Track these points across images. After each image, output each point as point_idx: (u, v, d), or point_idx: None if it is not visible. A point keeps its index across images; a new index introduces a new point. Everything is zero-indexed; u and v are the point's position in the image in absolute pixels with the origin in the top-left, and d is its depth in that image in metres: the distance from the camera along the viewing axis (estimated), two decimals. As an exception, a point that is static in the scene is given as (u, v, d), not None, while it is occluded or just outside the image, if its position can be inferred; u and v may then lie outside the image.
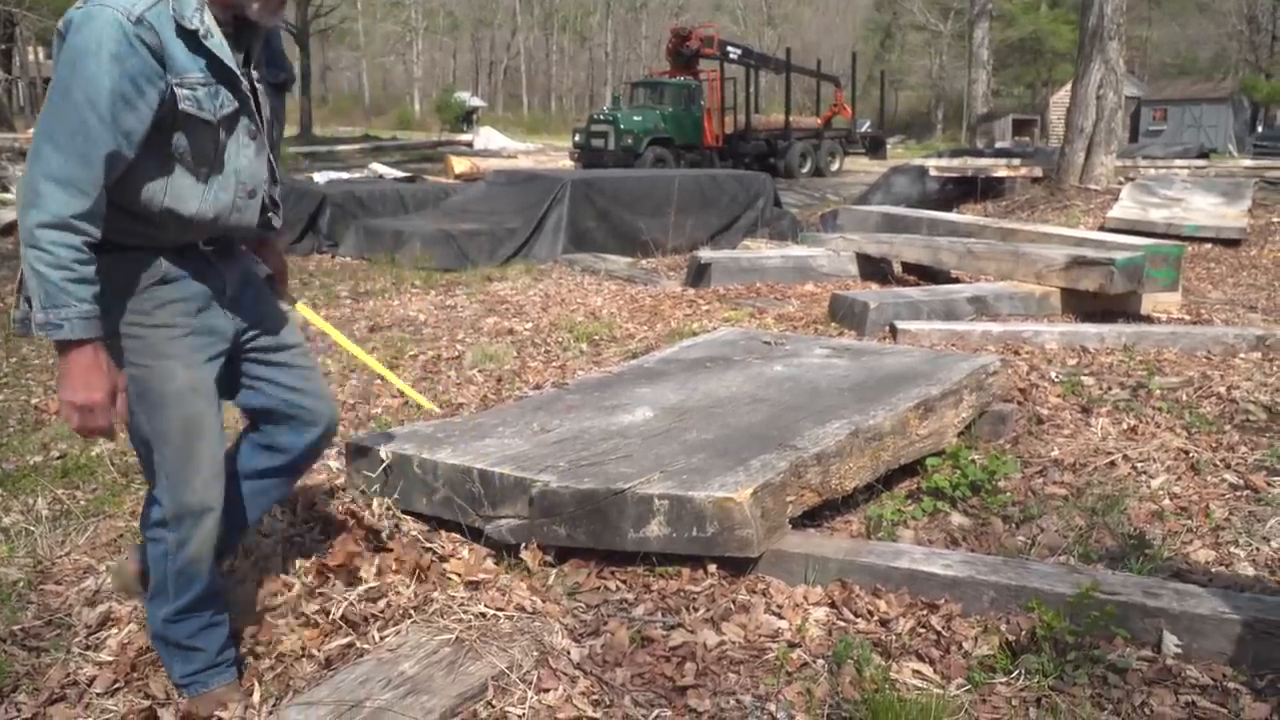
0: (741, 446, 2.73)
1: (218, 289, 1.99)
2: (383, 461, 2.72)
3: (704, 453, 2.70)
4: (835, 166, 25.79)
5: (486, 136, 30.84)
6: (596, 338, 5.44)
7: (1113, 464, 3.34)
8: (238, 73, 1.86)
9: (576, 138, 23.56)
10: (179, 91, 1.77)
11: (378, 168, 20.10)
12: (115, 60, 1.68)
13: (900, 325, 5.06)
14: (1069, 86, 13.90)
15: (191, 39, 1.78)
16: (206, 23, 1.79)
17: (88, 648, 2.32)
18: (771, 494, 2.48)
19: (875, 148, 27.52)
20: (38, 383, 4.84)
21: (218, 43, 1.81)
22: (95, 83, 1.67)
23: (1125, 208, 10.27)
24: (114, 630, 2.36)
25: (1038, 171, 13.99)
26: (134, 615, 2.38)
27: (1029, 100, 45.06)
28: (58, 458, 3.69)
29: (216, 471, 1.99)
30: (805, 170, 24.75)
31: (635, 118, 22.55)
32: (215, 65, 1.81)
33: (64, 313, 1.70)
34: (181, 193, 1.85)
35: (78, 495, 3.31)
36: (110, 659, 2.24)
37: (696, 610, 2.39)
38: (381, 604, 2.38)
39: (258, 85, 1.93)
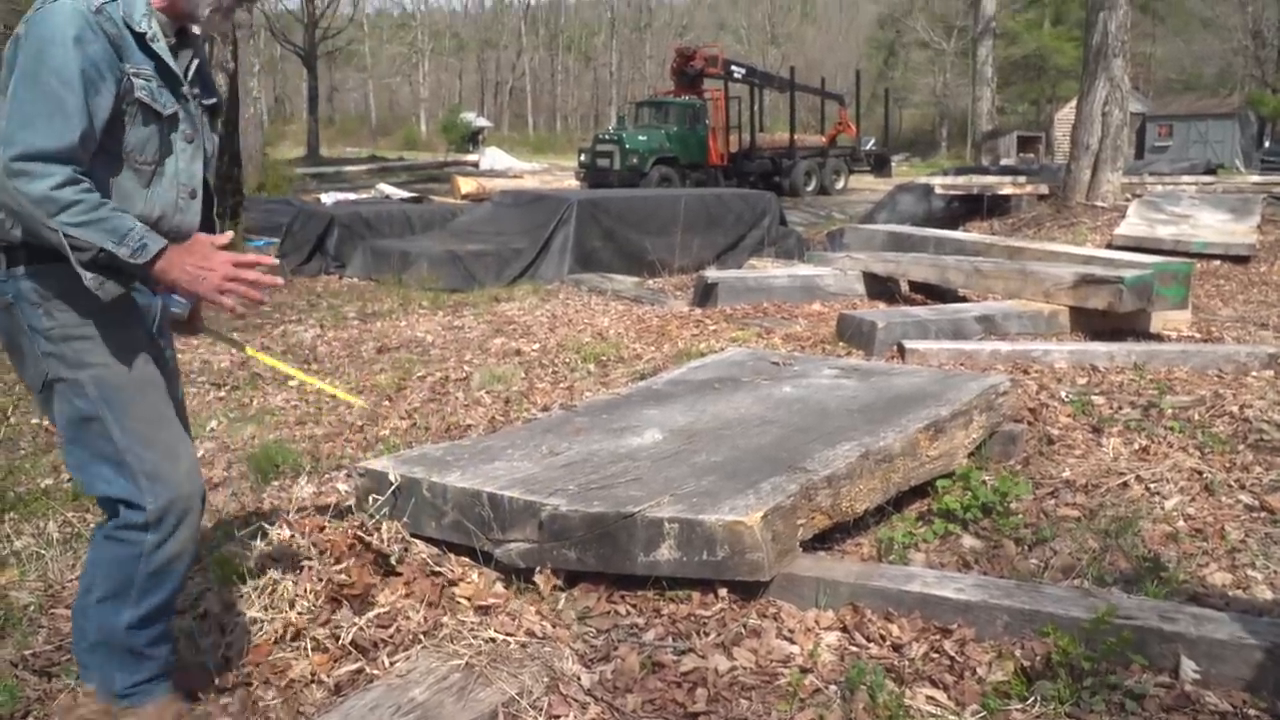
0: (751, 469, 2.72)
1: (152, 306, 2.04)
2: (391, 485, 2.72)
3: (713, 475, 2.69)
4: (840, 184, 25.86)
5: (492, 156, 31.07)
6: (604, 358, 5.43)
7: (1125, 485, 3.32)
8: (180, 76, 1.94)
9: (582, 157, 23.70)
10: (135, 81, 1.85)
11: (384, 188, 20.25)
12: (79, 44, 1.76)
13: (908, 345, 5.05)
14: (1074, 103, 13.95)
15: (139, 40, 1.86)
16: (154, 27, 1.88)
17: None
18: (782, 517, 2.47)
19: (880, 165, 27.61)
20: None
21: (163, 47, 1.90)
22: (65, 66, 1.74)
23: (1132, 225, 10.24)
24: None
25: (1044, 189, 13.99)
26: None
27: (1034, 117, 45.13)
28: (68, 480, 3.69)
29: (193, 461, 2.01)
30: (810, 188, 24.83)
31: (640, 137, 22.66)
32: (161, 67, 1.90)
33: (135, 234, 1.78)
34: (129, 193, 1.90)
35: (88, 518, 3.31)
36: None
37: (707, 635, 2.37)
38: (391, 629, 2.37)
39: (192, 98, 2.00)
